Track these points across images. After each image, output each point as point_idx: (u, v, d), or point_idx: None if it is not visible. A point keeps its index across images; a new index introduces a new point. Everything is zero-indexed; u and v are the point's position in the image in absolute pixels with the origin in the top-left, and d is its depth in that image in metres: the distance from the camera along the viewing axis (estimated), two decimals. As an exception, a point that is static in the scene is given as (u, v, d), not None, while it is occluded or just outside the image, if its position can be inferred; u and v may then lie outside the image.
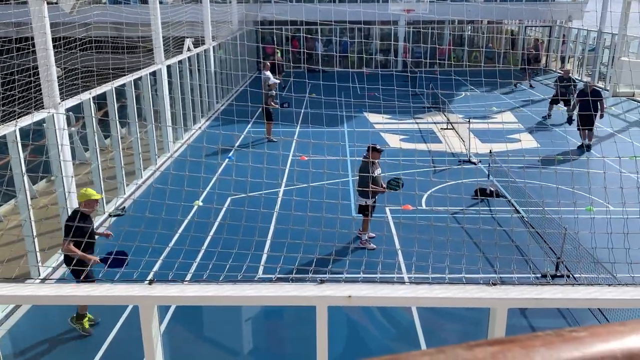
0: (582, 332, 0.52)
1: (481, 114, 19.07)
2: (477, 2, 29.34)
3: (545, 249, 8.61)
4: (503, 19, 31.19)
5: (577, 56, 28.26)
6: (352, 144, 14.52)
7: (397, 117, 18.09)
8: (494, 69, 25.50)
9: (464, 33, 31.57)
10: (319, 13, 24.12)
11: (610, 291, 3.33)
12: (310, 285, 3.41)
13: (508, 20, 31.87)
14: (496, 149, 12.77)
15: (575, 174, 11.91)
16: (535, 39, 31.86)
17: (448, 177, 12.42)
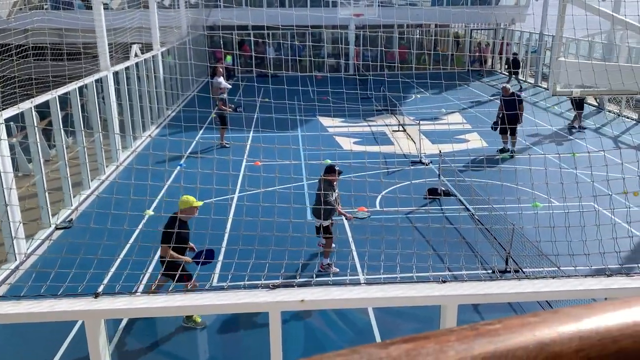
0: (497, 325, 0.52)
1: (431, 115, 19.49)
2: (423, 7, 30.01)
3: (494, 245, 8.86)
4: (449, 22, 32.00)
5: (520, 58, 29.29)
6: (306, 148, 14.54)
7: (349, 120, 18.25)
8: (443, 71, 26.12)
9: (413, 37, 32.18)
10: (269, 18, 24.10)
11: (555, 283, 3.45)
12: (262, 291, 3.38)
13: (454, 24, 32.73)
14: (445, 149, 13.07)
15: (521, 171, 12.32)
16: (479, 43, 32.87)
17: (400, 178, 12.61)
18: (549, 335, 0.51)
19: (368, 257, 6.05)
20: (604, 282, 3.25)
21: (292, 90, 10.48)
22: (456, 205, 11.36)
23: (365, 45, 28.83)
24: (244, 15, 25.20)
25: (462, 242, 8.34)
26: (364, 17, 26.59)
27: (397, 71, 27.29)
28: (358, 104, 18.74)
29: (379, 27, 27.60)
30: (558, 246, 5.08)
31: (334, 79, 25.07)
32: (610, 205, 5.45)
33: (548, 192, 8.38)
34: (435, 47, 31.02)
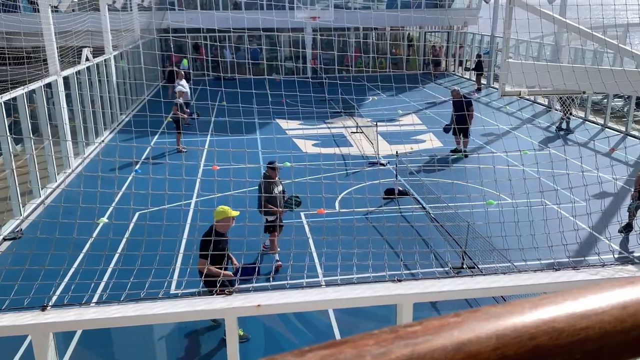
0: (416, 327, 0.52)
1: (388, 117, 19.74)
2: (378, 10, 30.38)
3: (451, 242, 9.03)
4: (404, 26, 32.53)
5: (473, 60, 30.03)
6: (264, 151, 14.46)
7: (308, 122, 18.27)
8: (399, 73, 26.50)
9: (369, 40, 32.53)
10: (225, 21, 23.89)
11: (505, 278, 3.54)
12: (218, 298, 3.33)
13: (409, 27, 33.28)
14: (403, 150, 13.25)
15: (475, 170, 12.60)
16: (433, 46, 33.53)
17: (360, 179, 12.71)
18: (467, 336, 0.51)
19: (326, 258, 6.07)
20: (552, 276, 3.35)
21: (249, 93, 10.41)
22: (413, 204, 11.53)
23: (322, 48, 28.98)
24: (199, 18, 24.90)
25: (419, 240, 8.47)
26: (320, 20, 26.72)
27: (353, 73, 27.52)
28: (316, 106, 18.81)
29: (335, 30, 27.81)
30: (511, 242, 5.22)
31: (291, 81, 25.08)
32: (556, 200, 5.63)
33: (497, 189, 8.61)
34: (390, 50, 31.44)
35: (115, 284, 6.28)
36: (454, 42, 32.13)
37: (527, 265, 4.99)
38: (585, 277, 3.52)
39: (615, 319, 0.54)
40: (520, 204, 6.89)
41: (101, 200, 8.50)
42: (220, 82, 23.63)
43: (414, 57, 32.13)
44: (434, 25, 32.98)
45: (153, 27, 26.43)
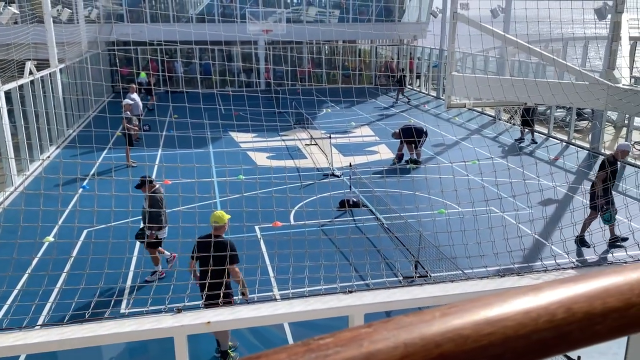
0: (328, 339, 0.53)
1: (341, 129, 19.93)
2: (330, 23, 30.76)
3: (404, 252, 9.17)
4: (356, 40, 33.04)
5: (423, 72, 30.79)
6: (217, 166, 14.31)
7: (263, 135, 18.23)
8: (351, 86, 26.85)
9: (322, 54, 32.86)
10: (178, 34, 23.60)
11: (454, 286, 3.62)
12: (167, 316, 3.27)
13: (360, 41, 33.82)
14: (356, 161, 13.40)
15: (427, 179, 12.87)
16: (385, 58, 34.20)
17: (314, 191, 12.75)
18: (376, 346, 0.52)
19: (281, 272, 6.03)
20: (497, 282, 3.45)
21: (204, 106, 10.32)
22: (367, 215, 11.65)
23: (276, 61, 29.06)
24: (151, 31, 24.53)
25: (373, 251, 8.56)
26: (272, 33, 26.81)
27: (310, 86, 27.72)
28: (270, 118, 18.79)
29: (289, 44, 27.99)
30: (460, 249, 5.35)
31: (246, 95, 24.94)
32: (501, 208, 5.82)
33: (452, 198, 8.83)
34: (343, 63, 31.88)
35: (61, 305, 6.04)
36: (405, 56, 32.87)
37: (476, 273, 5.13)
38: (529, 282, 3.64)
39: (518, 324, 0.57)
40: (469, 212, 7.09)
41: (47, 219, 8.20)
42: (172, 96, 23.33)
43: (367, 70, 32.65)
44: (384, 39, 33.65)
45: (101, 39, 25.83)
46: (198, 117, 11.35)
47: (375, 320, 0.58)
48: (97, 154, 15.08)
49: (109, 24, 26.58)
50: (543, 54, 5.82)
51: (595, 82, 5.37)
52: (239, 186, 10.81)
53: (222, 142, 17.93)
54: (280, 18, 28.30)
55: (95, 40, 24.73)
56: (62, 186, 10.85)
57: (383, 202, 11.25)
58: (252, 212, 8.78)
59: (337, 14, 31.66)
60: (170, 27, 22.10)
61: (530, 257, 8.24)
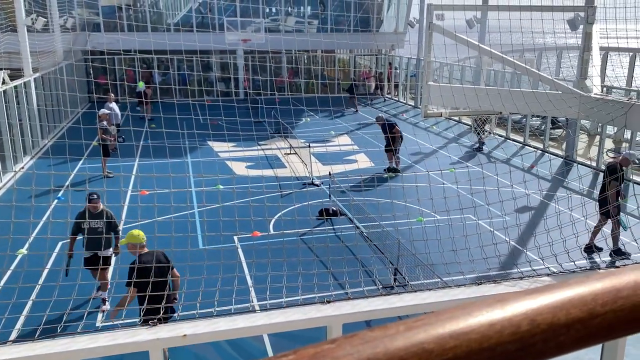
0: (291, 356, 0.53)
1: (321, 138, 19.98)
2: (309, 33, 30.91)
3: (383, 260, 9.19)
4: (334, 49, 33.24)
5: (401, 82, 31.09)
6: (195, 176, 14.20)
7: (241, 144, 18.16)
8: (331, 96, 26.95)
9: (301, 64, 32.97)
10: (154, 44, 23.45)
11: (431, 294, 3.63)
12: (141, 329, 3.20)
13: (340, 50, 34.03)
14: (336, 170, 13.42)
15: (405, 188, 12.95)
16: (367, 69, 34.47)
17: (294, 200, 12.72)
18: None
19: (260, 282, 5.99)
20: (474, 290, 3.48)
21: (181, 116, 10.26)
22: (347, 224, 11.67)
23: (255, 70, 29.04)
24: (128, 41, 24.33)
25: (352, 259, 8.56)
26: (252, 42, 26.82)
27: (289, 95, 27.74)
28: (250, 128, 18.75)
29: (267, 53, 28.02)
30: (439, 257, 5.38)
31: (224, 103, 24.86)
32: (475, 215, 5.88)
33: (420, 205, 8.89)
34: (322, 73, 32.03)
35: (33, 319, 5.90)
36: (383, 65, 33.16)
37: (455, 280, 5.15)
38: (505, 290, 3.68)
39: (482, 337, 0.57)
40: (449, 220, 7.14)
41: (21, 231, 8.02)
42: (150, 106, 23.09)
43: (346, 79, 32.84)
44: (363, 48, 33.91)
45: (77, 48, 25.52)
46: (175, 127, 11.28)
47: (347, 334, 0.58)
48: (73, 165, 14.84)
49: (85, 33, 26.29)
50: (517, 63, 5.92)
51: (568, 92, 5.49)
52: (217, 196, 10.73)
53: (200, 152, 17.81)
54: (259, 28, 28.33)
55: (71, 50, 24.43)
56: (37, 197, 10.65)
57: (362, 210, 11.28)
58: (231, 222, 8.72)
59: (316, 24, 31.84)
60: (147, 37, 21.95)
61: (507, 263, 8.33)
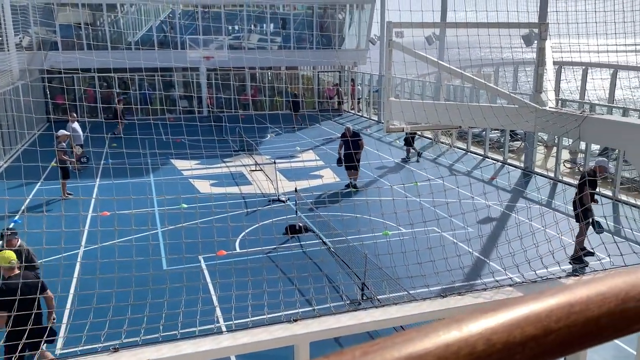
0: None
1: (286, 154, 19.98)
2: (272, 50, 31.05)
3: (351, 275, 9.19)
4: (298, 66, 33.46)
5: (364, 97, 31.49)
6: (160, 197, 13.94)
7: (205, 162, 17.98)
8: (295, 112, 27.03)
9: (265, 80, 33.03)
10: (114, 62, 23.09)
11: (397, 309, 3.64)
12: (102, 356, 3.10)
13: (303, 67, 34.28)
14: (301, 186, 13.41)
15: (370, 202, 13.04)
16: (331, 85, 34.81)
17: (260, 217, 12.63)
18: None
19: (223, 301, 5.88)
20: (439, 303, 3.50)
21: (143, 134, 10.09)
22: (314, 239, 11.64)
23: (218, 87, 28.93)
24: (86, 59, 23.90)
25: (320, 276, 8.52)
26: (214, 60, 26.73)
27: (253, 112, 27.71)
28: (214, 145, 18.60)
29: (230, 70, 27.96)
30: (405, 271, 5.41)
31: (187, 121, 24.64)
32: (439, 227, 5.95)
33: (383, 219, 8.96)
34: (286, 89, 32.15)
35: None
36: (346, 82, 33.55)
37: (420, 293, 5.19)
38: (470, 302, 3.72)
39: (438, 359, 0.56)
40: (414, 233, 7.21)
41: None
42: (111, 124, 22.67)
43: (310, 96, 33.05)
44: (326, 65, 34.25)
45: (36, 67, 24.90)
46: (137, 146, 11.08)
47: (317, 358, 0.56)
48: (30, 188, 14.38)
49: (41, 51, 25.70)
50: (474, 79, 6.08)
51: (524, 105, 5.65)
52: (181, 215, 10.55)
53: (163, 171, 17.53)
54: (221, 45, 28.30)
55: (28, 69, 23.81)
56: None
57: (328, 226, 11.28)
58: (196, 242, 8.57)
59: (279, 41, 32.01)
60: (107, 56, 21.60)
61: (471, 275, 8.45)
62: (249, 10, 31.00)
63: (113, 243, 8.98)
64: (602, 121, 5.13)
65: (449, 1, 21.18)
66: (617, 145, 5.65)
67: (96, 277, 4.63)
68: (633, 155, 4.68)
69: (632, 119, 6.92)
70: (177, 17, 29.89)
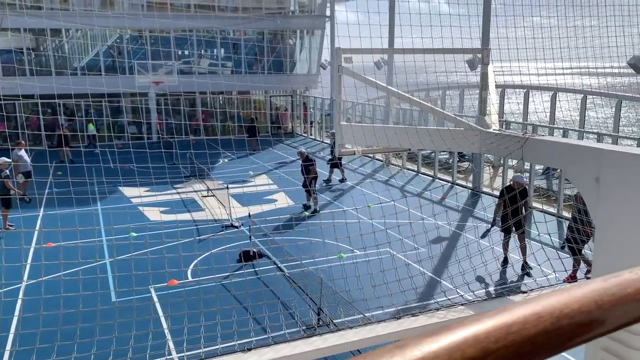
0: None
1: (239, 178, 19.82)
2: (223, 75, 31.00)
3: (306, 300, 9.12)
4: (250, 90, 33.51)
5: (316, 121, 31.80)
6: (108, 227, 13.48)
7: (155, 189, 17.59)
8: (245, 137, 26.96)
9: (217, 105, 32.84)
10: (59, 87, 22.43)
11: (352, 333, 3.63)
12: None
13: (255, 92, 34.36)
14: (255, 210, 13.31)
15: (325, 225, 13.05)
16: (277, 107, 35.01)
17: (213, 244, 12.42)
18: None
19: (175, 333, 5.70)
20: (393, 325, 3.52)
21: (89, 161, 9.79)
22: (268, 265, 11.52)
23: (169, 112, 28.54)
24: (28, 85, 23.14)
25: (274, 301, 8.41)
26: (164, 85, 26.42)
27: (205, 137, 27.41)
28: (164, 171, 18.24)
29: (180, 95, 27.69)
30: (360, 293, 5.41)
31: (136, 147, 24.13)
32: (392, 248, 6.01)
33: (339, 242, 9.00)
34: (239, 114, 32.10)
35: None
36: (298, 105, 33.82)
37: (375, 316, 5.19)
38: (424, 322, 3.75)
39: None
40: (366, 255, 7.25)
41: None
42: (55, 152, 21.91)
43: (262, 120, 33.08)
44: (278, 90, 34.48)
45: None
46: (83, 174, 10.73)
47: None
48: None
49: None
50: (421, 103, 6.26)
51: (469, 128, 5.85)
52: (130, 245, 10.23)
53: (111, 199, 17.02)
54: (171, 70, 28.03)
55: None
56: None
57: (283, 251, 11.20)
58: (146, 273, 8.32)
59: (230, 65, 32.02)
60: (50, 82, 20.96)
61: (424, 295, 8.56)
62: (199, 35, 30.93)
63: (58, 276, 8.58)
64: (542, 142, 5.36)
65: (397, 28, 21.86)
66: (557, 165, 5.91)
67: (40, 314, 4.38)
68: (572, 174, 4.90)
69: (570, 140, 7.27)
70: (125, 42, 29.46)
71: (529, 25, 16.35)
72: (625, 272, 0.68)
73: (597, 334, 0.65)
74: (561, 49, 17.27)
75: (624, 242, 4.09)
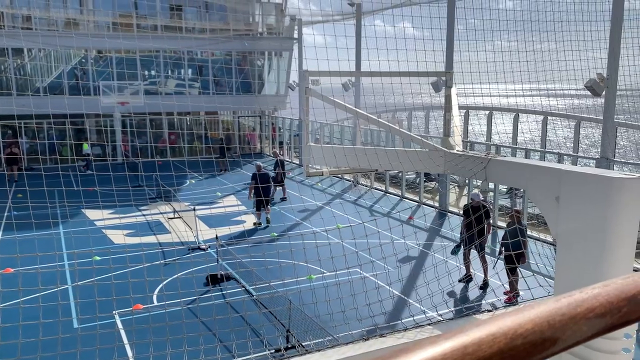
0: None
1: (206, 200, 19.60)
2: (190, 95, 30.85)
3: (275, 323, 9.01)
4: (218, 111, 33.39)
5: (285, 141, 31.85)
6: (71, 252, 13.10)
7: (120, 211, 17.22)
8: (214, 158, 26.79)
9: (184, 126, 32.57)
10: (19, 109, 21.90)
11: (319, 355, 3.60)
12: None
13: (223, 112, 34.26)
14: (222, 232, 13.16)
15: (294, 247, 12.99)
16: (252, 130, 34.97)
17: (180, 267, 12.19)
18: None
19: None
20: (360, 346, 3.51)
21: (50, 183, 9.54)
22: (236, 288, 11.36)
23: (134, 133, 28.12)
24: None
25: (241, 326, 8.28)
26: (129, 105, 26.11)
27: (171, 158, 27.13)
28: (129, 193, 17.90)
29: (146, 115, 27.39)
30: (329, 315, 5.39)
31: (100, 168, 23.66)
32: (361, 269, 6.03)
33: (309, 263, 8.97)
34: (205, 134, 31.89)
35: None
36: (267, 126, 33.84)
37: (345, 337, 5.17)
38: (392, 343, 3.76)
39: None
40: (337, 275, 7.23)
41: None
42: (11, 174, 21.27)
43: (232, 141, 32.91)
44: (246, 110, 34.47)
45: None
46: (44, 197, 10.44)
47: None
48: None
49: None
50: (388, 124, 6.36)
51: (434, 149, 5.96)
52: (93, 269, 9.95)
53: (73, 222, 16.57)
54: (137, 90, 27.72)
55: None
56: None
57: (252, 273, 11.08)
58: (109, 297, 8.09)
59: (197, 86, 31.90)
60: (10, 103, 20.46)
61: (392, 316, 8.57)
62: (165, 56, 30.77)
63: (17, 304, 8.27)
64: (505, 163, 5.51)
65: (363, 51, 22.22)
66: (520, 185, 6.06)
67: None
68: (533, 194, 5.03)
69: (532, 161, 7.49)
70: (89, 62, 29.07)
71: (490, 49, 16.88)
72: (576, 292, 0.71)
73: (550, 352, 0.67)
74: (521, 72, 17.88)
75: (583, 259, 4.20)
